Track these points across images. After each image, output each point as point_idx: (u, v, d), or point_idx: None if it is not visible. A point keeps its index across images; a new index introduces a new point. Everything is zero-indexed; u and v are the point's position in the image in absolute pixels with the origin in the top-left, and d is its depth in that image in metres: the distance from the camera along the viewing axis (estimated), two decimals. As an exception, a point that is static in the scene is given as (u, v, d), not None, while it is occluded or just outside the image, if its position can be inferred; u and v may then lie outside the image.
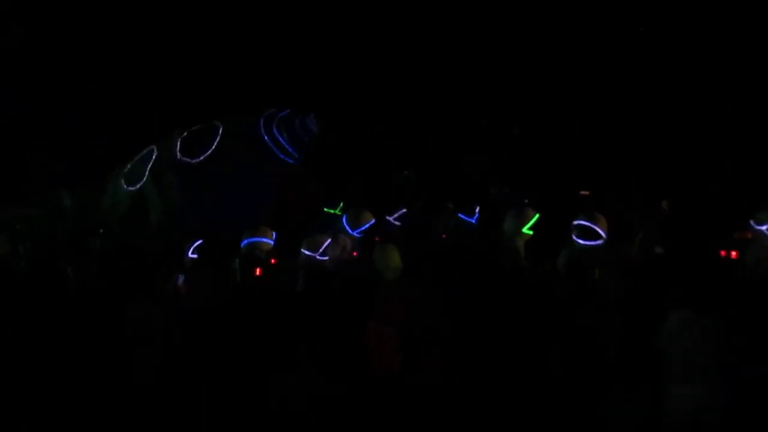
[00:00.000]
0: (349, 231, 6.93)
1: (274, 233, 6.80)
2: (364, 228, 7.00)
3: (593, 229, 5.47)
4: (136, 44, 13.38)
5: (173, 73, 13.36)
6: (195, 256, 6.55)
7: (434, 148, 11.00)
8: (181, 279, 6.30)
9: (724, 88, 10.26)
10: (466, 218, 7.61)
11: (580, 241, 5.52)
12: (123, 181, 8.51)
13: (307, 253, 6.87)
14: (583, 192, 9.02)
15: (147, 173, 8.28)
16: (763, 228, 5.25)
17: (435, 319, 4.54)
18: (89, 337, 5.46)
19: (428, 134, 11.12)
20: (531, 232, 6.15)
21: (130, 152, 9.55)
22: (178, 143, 8.32)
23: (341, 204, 8.49)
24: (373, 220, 7.21)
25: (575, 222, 5.63)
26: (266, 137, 8.38)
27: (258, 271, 6.31)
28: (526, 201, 7.50)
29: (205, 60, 12.95)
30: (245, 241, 6.75)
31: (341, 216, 8.08)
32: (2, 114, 12.29)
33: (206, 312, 5.50)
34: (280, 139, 8.42)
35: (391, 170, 9.86)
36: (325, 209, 8.59)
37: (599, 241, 5.48)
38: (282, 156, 8.45)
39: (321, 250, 6.80)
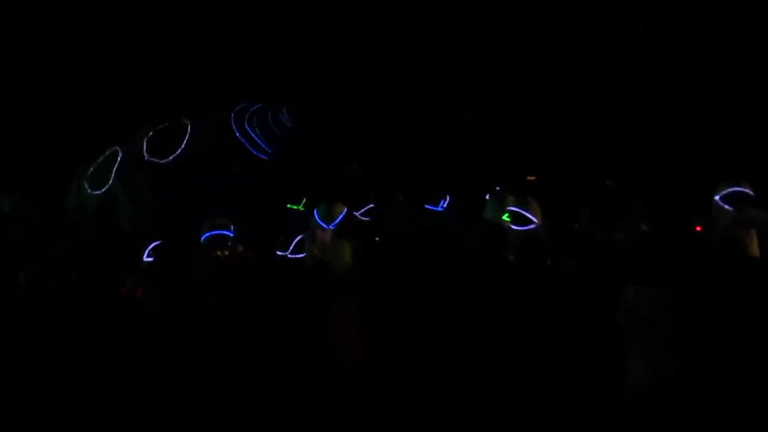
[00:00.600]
0: (324, 225, 6.89)
1: (232, 225, 6.78)
2: (338, 220, 6.94)
3: (524, 215, 5.57)
4: (135, 44, 13.36)
5: (172, 72, 13.31)
6: (151, 259, 6.41)
7: (383, 140, 10.82)
8: (137, 282, 6.10)
9: (680, 67, 9.94)
10: (433, 208, 7.64)
11: (513, 227, 5.59)
12: (86, 185, 8.30)
13: (279, 253, 6.88)
14: (530, 177, 8.86)
15: (113, 175, 8.09)
16: (717, 198, 5.24)
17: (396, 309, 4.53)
18: (43, 345, 5.30)
19: (376, 125, 10.92)
20: (510, 219, 6.17)
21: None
22: (145, 143, 8.10)
23: (304, 200, 8.28)
24: (346, 210, 7.17)
25: (508, 208, 5.74)
26: (238, 133, 8.13)
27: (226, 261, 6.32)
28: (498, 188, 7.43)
29: (200, 57, 12.85)
30: (206, 235, 6.69)
31: (305, 212, 8.03)
32: (2, 114, 12.35)
33: (168, 315, 5.36)
34: (253, 134, 8.15)
35: (341, 164, 9.70)
36: (288, 205, 8.38)
37: (531, 226, 5.59)
38: (255, 152, 8.18)
39: (290, 248, 6.89)
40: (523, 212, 5.69)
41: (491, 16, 11.43)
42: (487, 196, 8.65)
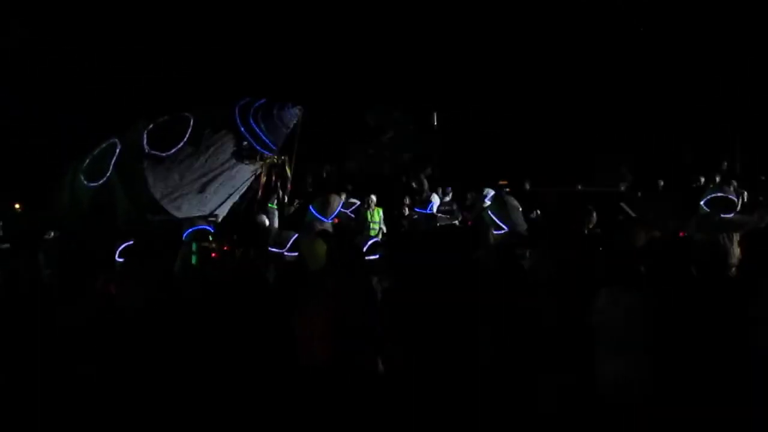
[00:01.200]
0: (323, 219, 6.82)
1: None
2: (336, 213, 6.92)
3: (495, 221, 5.89)
4: (135, 44, 13.32)
5: (172, 72, 13.28)
6: (122, 259, 6.24)
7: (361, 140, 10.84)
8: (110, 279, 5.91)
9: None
10: (421, 210, 7.68)
11: (494, 231, 5.92)
12: (83, 177, 8.04)
13: (274, 249, 6.79)
14: (501, 181, 8.93)
15: (111, 168, 7.84)
16: (702, 203, 5.34)
17: (362, 307, 4.46)
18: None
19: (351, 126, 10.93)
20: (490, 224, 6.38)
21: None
22: (145, 135, 7.88)
23: (275, 199, 8.25)
24: (342, 202, 7.12)
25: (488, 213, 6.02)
26: (242, 128, 7.98)
27: (213, 255, 6.25)
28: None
29: (199, 57, 12.83)
30: (188, 231, 6.61)
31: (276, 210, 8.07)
32: (2, 114, 12.29)
33: (147, 311, 5.25)
34: (258, 129, 8.01)
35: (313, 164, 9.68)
36: (269, 204, 8.34)
37: (502, 231, 5.82)
38: (259, 147, 8.04)
39: (288, 245, 6.79)
40: (494, 218, 5.96)
41: (490, 19, 11.47)
42: (486, 199, 8.63)
